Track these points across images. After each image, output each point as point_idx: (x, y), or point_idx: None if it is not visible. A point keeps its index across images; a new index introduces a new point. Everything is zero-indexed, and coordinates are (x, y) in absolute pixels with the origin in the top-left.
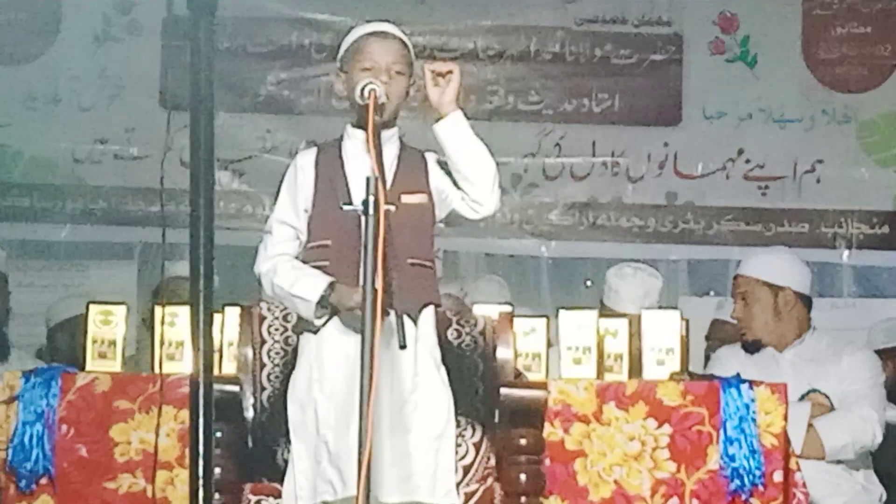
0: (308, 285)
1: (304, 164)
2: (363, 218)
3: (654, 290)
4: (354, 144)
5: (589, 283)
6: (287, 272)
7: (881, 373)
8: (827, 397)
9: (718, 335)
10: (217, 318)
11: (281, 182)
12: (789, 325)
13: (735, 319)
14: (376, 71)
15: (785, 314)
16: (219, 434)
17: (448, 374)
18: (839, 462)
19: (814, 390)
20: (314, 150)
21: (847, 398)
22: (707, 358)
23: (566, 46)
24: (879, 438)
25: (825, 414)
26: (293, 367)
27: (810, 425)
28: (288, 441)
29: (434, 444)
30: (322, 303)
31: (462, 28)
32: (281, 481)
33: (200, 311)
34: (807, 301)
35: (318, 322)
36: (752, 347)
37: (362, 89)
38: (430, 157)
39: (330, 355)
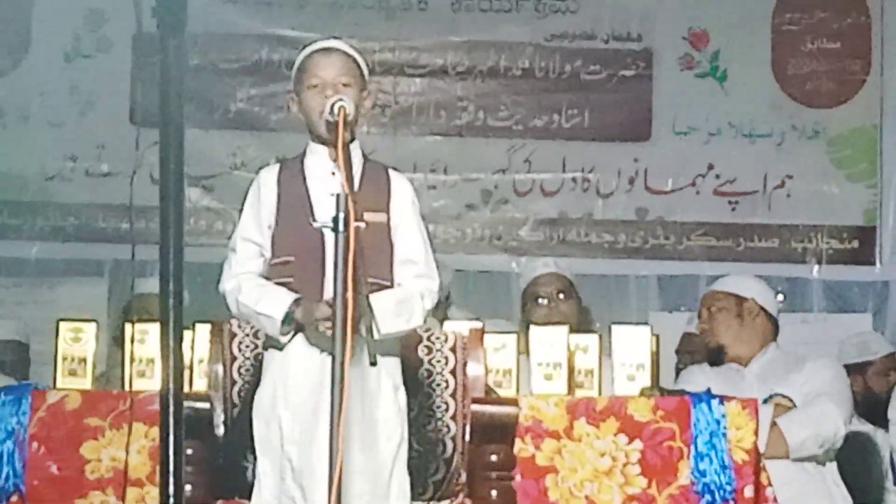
0: (273, 302)
1: (267, 181)
2: (326, 235)
3: None
4: (316, 160)
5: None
6: (251, 290)
7: (844, 375)
8: (790, 399)
9: (688, 348)
10: (187, 335)
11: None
12: (753, 335)
13: (701, 332)
14: (322, 86)
15: (748, 322)
16: (189, 451)
17: (419, 389)
18: (809, 460)
19: (776, 394)
20: (277, 166)
21: (808, 397)
22: (678, 371)
23: (536, 62)
24: (842, 431)
25: (787, 412)
26: None
27: (773, 424)
28: (256, 458)
29: (387, 467)
30: (287, 320)
31: (432, 44)
32: (251, 498)
33: (171, 329)
34: (772, 320)
35: (283, 339)
36: (716, 356)
37: (332, 106)
38: (396, 177)
39: (294, 372)
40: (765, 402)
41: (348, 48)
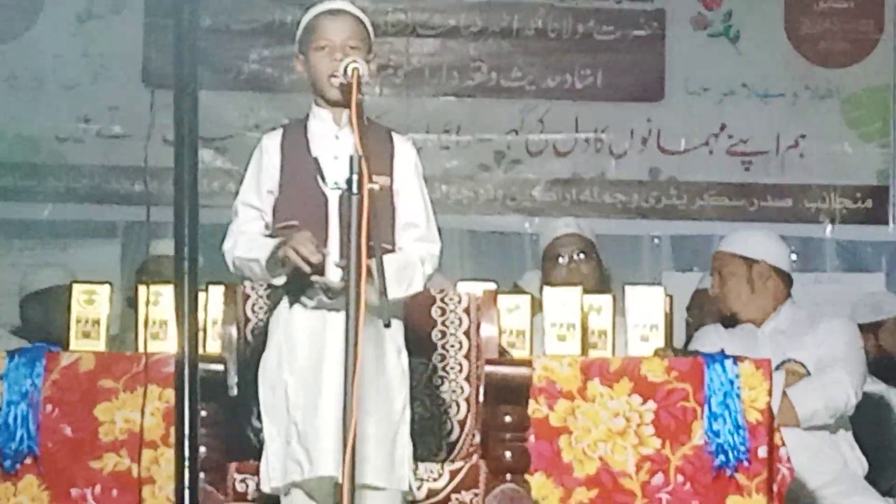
0: (260, 247)
1: (270, 146)
2: (330, 198)
3: None
4: (319, 124)
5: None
6: (244, 243)
7: (858, 338)
8: (803, 366)
9: (700, 305)
10: (201, 296)
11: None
12: (765, 298)
13: (713, 296)
14: (330, 49)
15: (760, 286)
16: (203, 413)
17: (432, 350)
18: (822, 428)
19: (789, 360)
20: (280, 131)
21: (820, 363)
22: (689, 327)
23: (549, 22)
24: (853, 401)
25: (799, 381)
26: None
27: (784, 394)
28: None
29: (392, 429)
30: (272, 259)
31: (444, 5)
32: None
33: (185, 290)
34: (785, 277)
35: (276, 282)
36: (729, 322)
37: (346, 67)
38: (399, 140)
39: (298, 336)
40: (776, 368)
41: (356, 10)
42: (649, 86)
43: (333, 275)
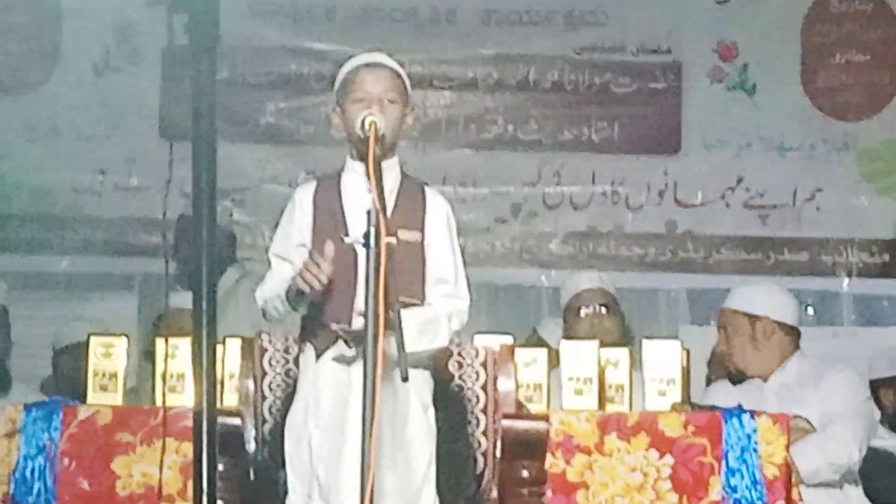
0: (280, 281)
1: (302, 199)
2: (359, 252)
3: None
4: (353, 177)
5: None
6: (270, 285)
7: (863, 391)
8: (808, 422)
9: (720, 361)
10: (218, 350)
11: (282, 214)
12: (769, 354)
13: (719, 353)
14: (368, 102)
15: (763, 343)
16: (221, 467)
17: (449, 404)
18: (828, 485)
19: (795, 416)
20: (313, 183)
21: (824, 418)
22: (708, 381)
23: (565, 75)
24: (857, 456)
25: (803, 437)
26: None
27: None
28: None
29: (417, 486)
30: (290, 292)
31: (461, 57)
32: None
33: (203, 343)
34: (790, 330)
35: (300, 311)
36: (736, 378)
37: (362, 121)
38: (432, 195)
39: (324, 388)
40: None
41: (394, 63)
42: (666, 138)
43: (358, 325)
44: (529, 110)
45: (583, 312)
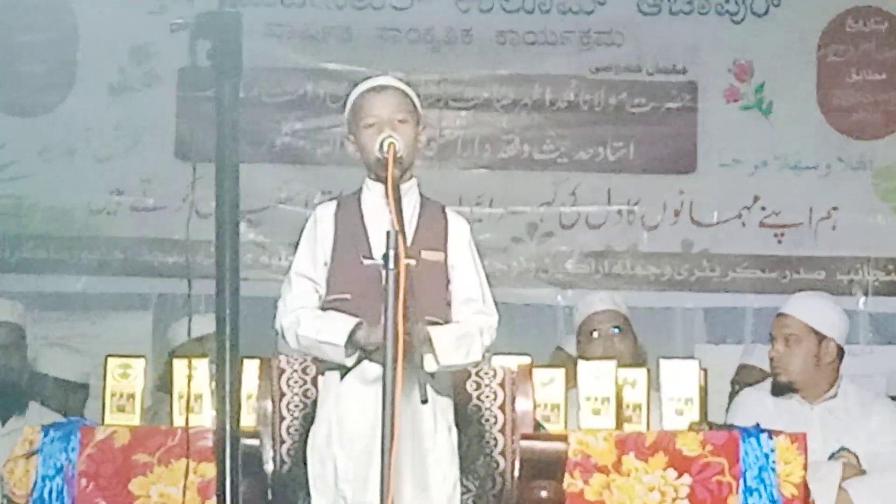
0: (334, 329)
1: (324, 217)
2: (383, 272)
3: None
4: (373, 198)
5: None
6: (311, 321)
7: None
8: (855, 456)
9: (745, 380)
10: None
11: (301, 234)
12: (825, 377)
13: (771, 358)
14: (379, 125)
15: (824, 365)
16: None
17: (468, 425)
18: None
19: (843, 448)
20: (334, 203)
21: (878, 459)
22: (731, 400)
23: (581, 95)
24: None
25: (856, 476)
26: (313, 420)
27: (842, 489)
28: (307, 494)
29: None
30: (349, 344)
31: (477, 77)
32: None
33: (226, 364)
34: (842, 354)
35: (348, 363)
36: (781, 390)
37: (381, 143)
38: (453, 217)
39: (348, 409)
40: (831, 457)
41: (401, 84)
42: (682, 158)
43: None
44: (545, 130)
45: (595, 334)
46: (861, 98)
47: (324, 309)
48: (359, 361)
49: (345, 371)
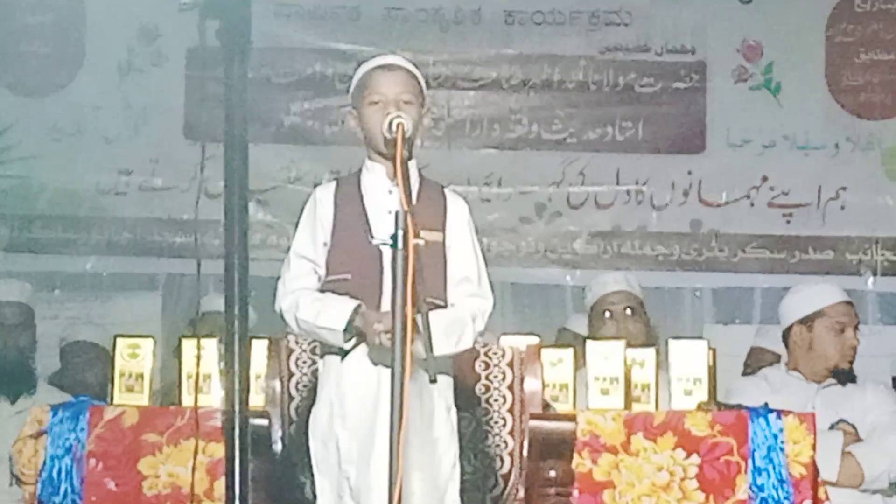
0: (333, 314)
1: (323, 198)
2: (384, 252)
3: None
4: (374, 178)
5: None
6: (310, 305)
7: None
8: (853, 427)
9: (759, 363)
10: None
11: (300, 215)
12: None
13: (853, 347)
14: (384, 104)
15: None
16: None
17: (476, 405)
18: (875, 492)
19: (842, 420)
20: (333, 183)
21: (877, 428)
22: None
23: (590, 75)
24: None
25: (858, 442)
26: None
27: (847, 453)
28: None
29: (441, 487)
30: (348, 328)
31: (486, 57)
32: None
33: (235, 344)
34: None
35: (347, 347)
36: (854, 378)
37: (389, 123)
38: (452, 197)
39: (350, 389)
40: (831, 427)
41: (409, 64)
42: (690, 138)
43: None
44: (554, 110)
45: (608, 315)
46: (870, 78)
47: (323, 290)
48: (358, 343)
49: (345, 352)
